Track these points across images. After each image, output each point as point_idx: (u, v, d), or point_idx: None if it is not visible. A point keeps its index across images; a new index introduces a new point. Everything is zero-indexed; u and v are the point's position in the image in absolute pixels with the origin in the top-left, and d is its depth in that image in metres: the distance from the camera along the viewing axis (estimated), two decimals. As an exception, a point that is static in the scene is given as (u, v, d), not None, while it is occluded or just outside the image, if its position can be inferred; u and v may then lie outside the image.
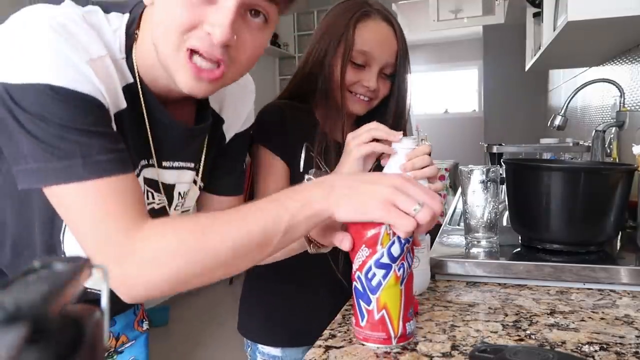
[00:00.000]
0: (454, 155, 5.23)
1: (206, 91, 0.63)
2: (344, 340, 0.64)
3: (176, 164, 0.75)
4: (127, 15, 0.65)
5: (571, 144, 2.32)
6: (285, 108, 0.98)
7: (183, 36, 0.59)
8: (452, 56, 7.42)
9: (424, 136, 4.31)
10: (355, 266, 0.61)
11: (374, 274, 0.59)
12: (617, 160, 1.26)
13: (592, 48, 1.77)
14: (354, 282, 0.62)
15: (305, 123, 0.98)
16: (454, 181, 4.09)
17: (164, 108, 0.69)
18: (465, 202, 0.99)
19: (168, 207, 0.77)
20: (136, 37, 0.65)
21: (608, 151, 1.42)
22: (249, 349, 1.07)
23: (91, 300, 0.26)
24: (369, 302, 0.60)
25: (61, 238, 0.66)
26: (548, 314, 0.70)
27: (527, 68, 2.81)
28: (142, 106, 0.67)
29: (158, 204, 0.75)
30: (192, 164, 0.78)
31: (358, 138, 0.78)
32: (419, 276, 0.77)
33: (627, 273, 0.79)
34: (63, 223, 0.65)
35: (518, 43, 3.84)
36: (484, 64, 6.12)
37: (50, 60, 0.56)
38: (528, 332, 0.65)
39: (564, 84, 3.30)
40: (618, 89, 1.45)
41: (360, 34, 0.94)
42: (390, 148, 0.76)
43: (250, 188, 0.97)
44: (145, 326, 0.96)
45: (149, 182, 0.72)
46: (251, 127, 0.90)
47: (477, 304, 0.75)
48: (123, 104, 0.64)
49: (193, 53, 0.60)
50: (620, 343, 0.61)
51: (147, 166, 0.71)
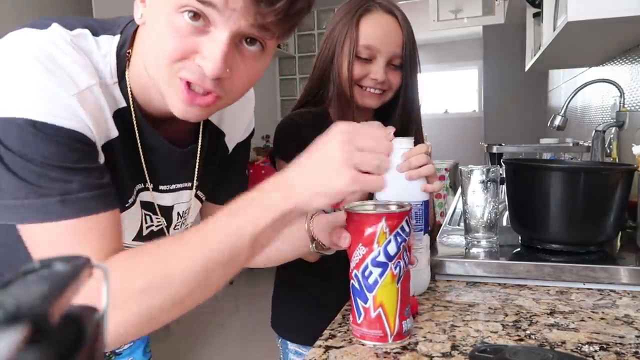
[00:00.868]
0: (454, 155, 5.23)
1: (199, 116, 0.61)
2: (344, 340, 0.64)
3: (173, 187, 0.74)
4: (118, 36, 0.63)
5: (571, 144, 2.32)
6: (299, 119, 1.00)
7: (173, 66, 0.57)
8: (452, 56, 7.42)
9: (424, 136, 4.32)
10: (352, 264, 0.62)
11: (371, 272, 0.60)
12: (617, 160, 1.26)
13: (592, 48, 1.77)
14: (351, 280, 0.63)
15: (321, 127, 0.98)
16: (454, 181, 4.09)
17: (158, 132, 0.67)
18: (465, 202, 0.99)
19: (167, 229, 0.76)
20: (129, 58, 0.63)
21: (608, 151, 1.42)
22: (280, 342, 1.10)
23: None
24: (366, 300, 0.61)
25: None
26: (548, 314, 0.70)
27: (527, 68, 2.81)
28: (135, 131, 0.65)
29: (157, 226, 0.74)
30: (189, 184, 0.76)
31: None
32: (419, 276, 0.77)
33: (627, 273, 0.79)
34: None
35: (518, 43, 3.85)
36: (484, 64, 6.11)
37: (33, 94, 0.54)
38: (528, 332, 0.65)
39: (564, 84, 3.30)
40: (618, 89, 1.46)
41: (363, 29, 0.96)
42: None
43: None
44: None
45: (146, 206, 0.71)
46: (252, 134, 0.89)
47: (477, 304, 0.75)
48: (114, 133, 0.62)
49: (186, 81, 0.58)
50: (620, 343, 0.61)
51: (144, 189, 0.70)
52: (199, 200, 0.81)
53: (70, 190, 0.55)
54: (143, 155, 0.67)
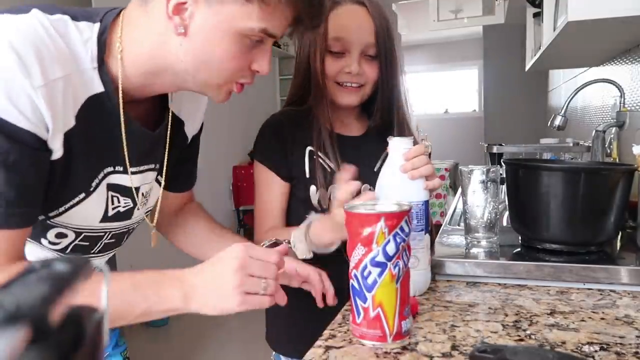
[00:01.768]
0: (454, 155, 5.23)
1: (226, 100, 0.72)
2: (344, 340, 0.64)
3: (143, 167, 0.77)
4: (98, 24, 0.65)
5: (571, 144, 2.32)
6: (283, 119, 1.00)
7: (234, 76, 0.69)
8: (452, 56, 7.42)
9: (424, 136, 4.32)
10: (351, 264, 0.62)
11: (370, 272, 0.60)
12: (617, 160, 1.26)
13: (592, 48, 1.77)
14: (351, 280, 0.63)
15: (304, 126, 0.98)
16: (454, 181, 4.09)
17: (132, 115, 0.71)
18: (465, 202, 0.99)
19: (132, 209, 0.79)
20: (114, 47, 0.66)
21: (608, 151, 1.42)
22: (273, 356, 1.09)
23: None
24: (365, 300, 0.61)
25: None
26: (548, 314, 0.70)
27: (527, 68, 2.81)
28: (120, 114, 0.68)
29: (124, 207, 0.77)
30: (154, 165, 0.80)
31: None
32: (420, 276, 0.77)
33: (627, 273, 0.79)
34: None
35: (518, 43, 3.85)
36: (484, 64, 6.12)
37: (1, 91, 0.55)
38: (528, 332, 0.65)
39: (564, 84, 3.30)
40: (618, 89, 1.46)
41: (332, 22, 0.93)
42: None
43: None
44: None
45: (114, 187, 0.73)
46: (202, 129, 0.93)
47: (477, 304, 0.75)
48: (72, 123, 0.64)
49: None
50: (620, 343, 0.61)
51: (113, 172, 0.72)
52: (158, 184, 0.84)
53: None
54: (118, 137, 0.70)
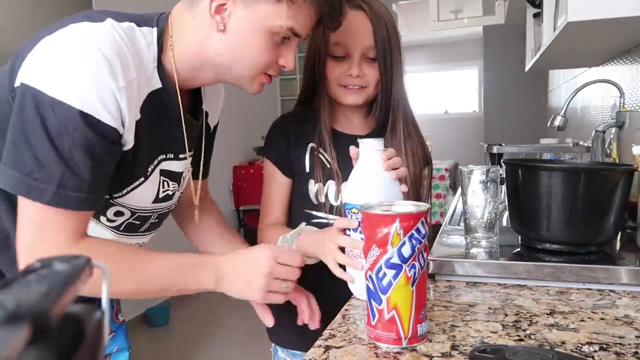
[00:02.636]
0: (454, 155, 5.23)
1: (259, 91, 0.82)
2: (344, 340, 0.64)
3: (188, 155, 0.86)
4: (155, 28, 0.75)
5: (571, 145, 2.32)
6: (289, 118, 1.06)
7: (264, 67, 0.77)
8: (452, 56, 7.42)
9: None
10: (366, 265, 0.61)
11: (385, 274, 0.59)
12: (617, 160, 1.26)
13: (592, 48, 1.77)
14: (366, 281, 0.62)
15: (309, 125, 1.02)
16: (454, 181, 4.09)
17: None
18: (465, 202, 0.99)
19: (176, 192, 0.89)
20: (168, 47, 0.75)
21: (608, 151, 1.42)
22: (272, 348, 1.09)
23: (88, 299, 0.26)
24: (380, 302, 0.60)
25: None
26: (548, 314, 0.71)
27: (527, 68, 2.81)
28: (177, 107, 0.78)
29: (172, 190, 0.87)
30: (191, 152, 0.89)
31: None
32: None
33: (627, 273, 0.79)
34: None
35: (518, 43, 3.85)
36: (484, 64, 6.12)
37: (86, 85, 0.63)
38: (528, 332, 0.65)
39: (564, 84, 3.30)
40: (618, 90, 1.46)
41: None
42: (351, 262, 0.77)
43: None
44: (121, 318, 1.02)
45: (165, 173, 0.83)
46: (218, 123, 1.02)
47: (477, 304, 0.75)
48: (139, 115, 0.72)
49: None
50: (620, 343, 0.61)
51: (165, 160, 0.82)
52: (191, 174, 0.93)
53: (67, 185, 0.64)
54: (175, 127, 0.80)
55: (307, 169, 1.00)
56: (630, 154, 1.04)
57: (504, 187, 1.00)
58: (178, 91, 0.77)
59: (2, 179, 0.65)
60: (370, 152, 0.76)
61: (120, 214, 0.81)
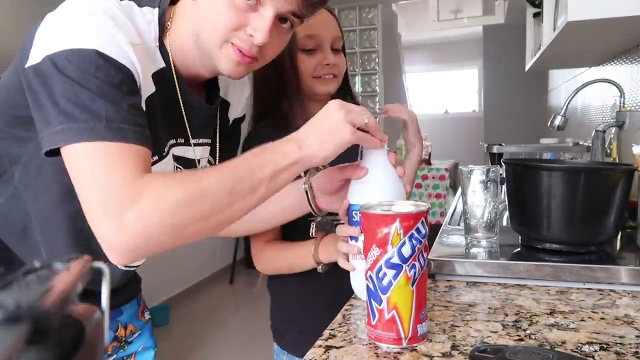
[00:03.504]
0: (454, 155, 5.22)
1: (242, 73, 0.75)
2: (344, 340, 0.64)
3: (201, 140, 0.84)
4: (157, 9, 0.74)
5: (571, 144, 2.32)
6: (267, 130, 0.99)
7: (228, 34, 0.70)
8: (452, 56, 7.42)
9: (424, 136, 4.31)
10: (367, 265, 0.61)
11: (385, 274, 0.59)
12: (617, 160, 1.26)
13: (592, 48, 1.77)
14: (367, 282, 0.62)
15: (286, 130, 0.99)
16: (454, 181, 4.09)
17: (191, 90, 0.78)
18: (465, 202, 0.99)
19: None
20: (168, 28, 0.74)
21: (608, 151, 1.42)
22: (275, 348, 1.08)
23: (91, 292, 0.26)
24: (380, 302, 0.60)
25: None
26: (548, 314, 0.70)
27: (527, 68, 2.81)
28: (177, 89, 0.75)
29: None
30: (209, 140, 0.88)
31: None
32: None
33: (627, 273, 0.79)
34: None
35: (518, 43, 3.85)
36: (484, 64, 6.12)
37: (100, 33, 0.63)
38: (528, 332, 0.65)
39: (564, 84, 3.30)
40: (618, 89, 1.45)
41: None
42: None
43: None
44: (147, 316, 1.00)
45: (178, 159, 0.81)
46: (244, 117, 1.00)
47: (477, 304, 0.75)
48: (152, 89, 0.71)
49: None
50: (620, 343, 0.61)
51: (176, 145, 0.80)
52: (209, 163, 0.90)
53: (115, 119, 0.61)
54: (179, 109, 0.77)
55: (302, 174, 0.98)
56: (630, 154, 1.04)
57: (504, 187, 1.00)
58: (174, 71, 0.75)
59: (49, 139, 0.61)
60: (374, 152, 0.74)
61: None
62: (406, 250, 0.58)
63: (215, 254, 4.02)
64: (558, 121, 1.65)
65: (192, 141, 0.81)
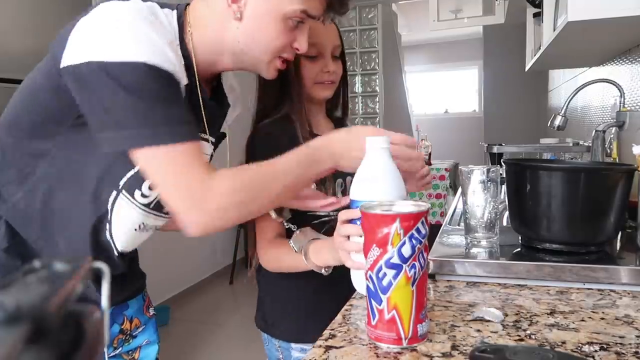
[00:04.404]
0: (454, 155, 5.23)
1: (275, 76, 0.86)
2: (344, 340, 0.64)
3: (211, 138, 0.89)
4: (175, 11, 0.79)
5: (571, 144, 2.32)
6: (269, 130, 1.06)
7: (280, 52, 0.82)
8: (452, 56, 7.42)
9: (424, 136, 4.31)
10: (367, 265, 0.61)
11: (385, 274, 0.59)
12: (617, 160, 1.26)
13: (592, 48, 1.77)
14: (367, 282, 0.62)
15: (288, 131, 1.04)
16: (454, 181, 4.09)
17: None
18: (465, 202, 0.99)
19: None
20: (189, 31, 0.80)
21: (608, 151, 1.42)
22: (278, 348, 1.11)
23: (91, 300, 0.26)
24: (380, 302, 0.60)
25: (109, 217, 0.79)
26: (548, 314, 0.70)
27: (527, 68, 2.81)
28: (197, 86, 0.81)
29: None
30: (213, 139, 0.92)
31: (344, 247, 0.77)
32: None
33: (627, 273, 0.79)
34: (108, 205, 0.78)
35: (518, 43, 3.85)
36: (484, 64, 6.12)
37: (144, 42, 0.68)
38: (528, 332, 0.65)
39: (564, 84, 3.30)
40: (618, 89, 1.46)
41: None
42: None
43: None
44: (152, 312, 1.03)
45: None
46: (224, 135, 1.03)
47: (477, 304, 0.75)
48: (185, 81, 0.77)
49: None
50: (620, 343, 0.61)
51: None
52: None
53: (171, 122, 0.70)
54: (197, 106, 0.83)
55: None
56: (630, 154, 1.04)
57: (504, 187, 1.00)
58: (195, 69, 0.80)
59: (118, 142, 0.69)
60: (377, 150, 0.76)
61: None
62: (406, 250, 0.58)
63: (215, 254, 4.02)
64: (558, 121, 1.65)
65: (203, 136, 0.86)
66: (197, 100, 0.82)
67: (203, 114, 0.83)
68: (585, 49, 1.80)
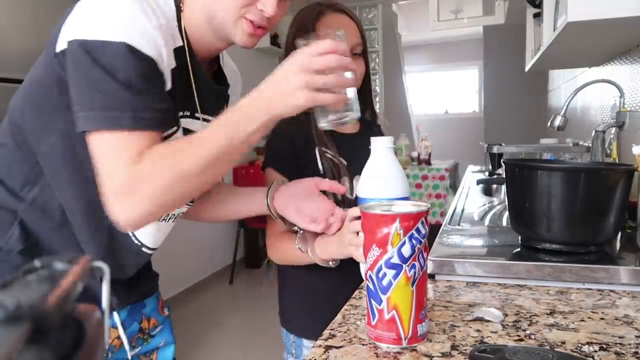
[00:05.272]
0: (454, 155, 5.23)
1: (254, 43, 0.83)
2: (344, 340, 0.64)
3: (209, 117, 0.88)
4: None
5: (571, 145, 2.32)
6: (286, 127, 1.03)
7: (241, 10, 0.78)
8: (452, 56, 7.42)
9: (424, 136, 4.31)
10: (367, 265, 0.61)
11: (385, 274, 0.59)
12: (617, 160, 1.26)
13: (592, 48, 1.77)
14: (366, 282, 0.62)
15: (305, 129, 1.06)
16: (454, 181, 4.09)
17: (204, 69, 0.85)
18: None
19: None
20: (182, 9, 0.80)
21: (608, 151, 1.42)
22: (292, 343, 1.12)
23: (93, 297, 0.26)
24: (380, 302, 0.60)
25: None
26: (548, 314, 0.71)
27: (527, 68, 2.80)
28: (189, 65, 0.81)
29: None
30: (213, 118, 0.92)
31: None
32: None
33: (627, 273, 0.80)
34: None
35: (518, 43, 3.85)
36: (484, 64, 6.12)
37: (129, 24, 0.68)
38: (528, 332, 0.65)
39: (564, 84, 3.30)
40: (618, 90, 1.46)
41: (322, 30, 1.03)
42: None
43: None
44: (167, 312, 1.04)
45: (187, 132, 0.85)
46: None
47: (477, 304, 0.75)
48: (174, 63, 0.77)
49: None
50: (620, 343, 0.61)
51: (184, 117, 0.84)
52: None
53: (139, 108, 0.69)
54: (190, 85, 0.83)
55: (322, 171, 1.05)
56: (630, 154, 1.04)
57: (504, 187, 1.00)
58: (186, 46, 0.80)
59: (82, 122, 0.69)
60: (383, 150, 0.79)
61: None
62: (406, 250, 0.58)
63: (215, 254, 4.02)
64: (558, 121, 1.65)
65: (198, 115, 0.86)
66: (191, 80, 0.82)
67: (195, 94, 0.83)
68: (585, 49, 1.80)
